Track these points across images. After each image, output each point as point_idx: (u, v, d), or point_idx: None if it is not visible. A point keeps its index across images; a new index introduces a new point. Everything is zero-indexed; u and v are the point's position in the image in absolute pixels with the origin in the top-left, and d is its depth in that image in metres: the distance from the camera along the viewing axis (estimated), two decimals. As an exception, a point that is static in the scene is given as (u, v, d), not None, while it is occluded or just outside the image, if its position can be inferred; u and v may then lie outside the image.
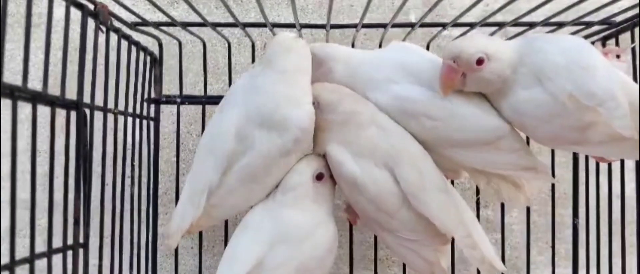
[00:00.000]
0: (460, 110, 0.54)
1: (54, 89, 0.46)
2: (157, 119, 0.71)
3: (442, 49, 0.54)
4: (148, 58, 0.69)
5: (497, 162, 0.56)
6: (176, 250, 0.70)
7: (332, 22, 0.72)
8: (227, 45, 0.72)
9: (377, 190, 0.54)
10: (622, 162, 0.62)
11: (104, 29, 0.55)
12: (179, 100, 0.70)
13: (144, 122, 0.68)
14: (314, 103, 0.54)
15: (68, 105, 0.47)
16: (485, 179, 0.59)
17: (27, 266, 0.43)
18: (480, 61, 0.52)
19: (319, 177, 0.56)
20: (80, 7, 0.50)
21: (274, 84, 0.55)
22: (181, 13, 0.80)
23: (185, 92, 0.77)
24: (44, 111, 0.45)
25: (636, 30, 0.58)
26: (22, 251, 0.41)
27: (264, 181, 0.55)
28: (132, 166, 0.64)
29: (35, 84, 0.75)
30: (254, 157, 0.54)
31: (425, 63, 0.56)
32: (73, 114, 0.49)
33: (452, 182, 0.66)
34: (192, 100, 0.71)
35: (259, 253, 0.52)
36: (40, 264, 0.44)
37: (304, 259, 0.53)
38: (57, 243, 0.47)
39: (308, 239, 0.53)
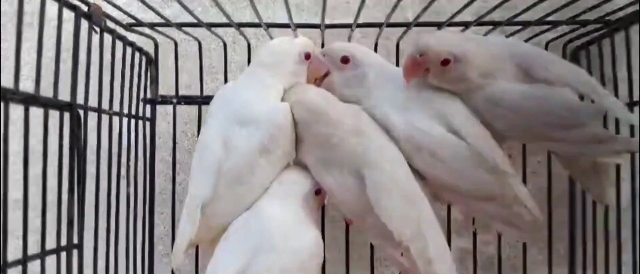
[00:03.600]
0: (466, 159, 0.54)
1: (48, 90, 0.46)
2: (152, 120, 0.71)
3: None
4: (143, 58, 0.69)
5: (487, 211, 0.56)
6: (173, 251, 0.69)
7: (329, 20, 0.72)
8: (222, 45, 0.72)
9: (345, 197, 0.54)
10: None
11: (97, 30, 0.55)
12: (175, 100, 0.70)
13: (140, 122, 0.68)
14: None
15: (61, 106, 0.47)
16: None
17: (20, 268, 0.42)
18: (445, 62, 0.53)
19: (317, 191, 0.57)
20: (73, 8, 0.49)
21: (246, 85, 0.57)
22: (176, 11, 0.79)
23: (182, 91, 0.77)
24: (39, 112, 0.45)
25: (631, 29, 0.57)
26: (16, 254, 0.41)
27: (249, 182, 0.55)
28: (128, 166, 0.64)
29: (29, 83, 0.75)
30: (236, 157, 0.54)
31: (440, 99, 0.56)
32: (67, 116, 0.49)
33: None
34: (188, 100, 0.71)
35: (238, 264, 0.51)
36: (34, 266, 0.44)
37: (286, 265, 0.52)
38: (51, 245, 0.47)
39: (290, 240, 0.52)
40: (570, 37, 0.69)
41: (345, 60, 0.58)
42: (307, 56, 0.59)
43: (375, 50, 0.70)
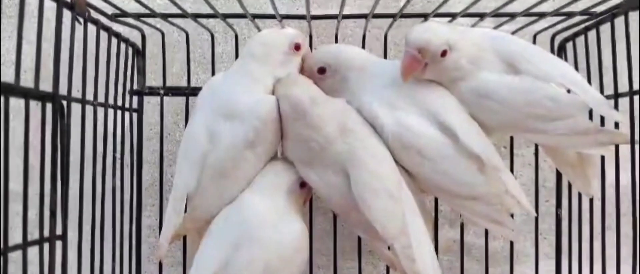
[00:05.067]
0: (454, 158, 0.54)
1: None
2: (140, 111, 0.71)
3: (405, 36, 0.54)
4: (130, 49, 0.68)
5: (472, 209, 0.56)
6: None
7: (322, 10, 0.72)
8: (210, 36, 0.72)
9: (330, 194, 0.55)
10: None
11: (81, 20, 0.54)
12: (162, 92, 0.70)
13: (127, 113, 0.68)
14: None
15: (43, 97, 0.47)
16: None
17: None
18: (444, 53, 0.53)
19: (302, 184, 0.56)
20: (56, -2, 0.49)
21: (234, 77, 0.56)
22: (166, 2, 0.79)
23: (172, 81, 0.77)
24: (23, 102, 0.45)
25: (616, 20, 0.57)
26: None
27: (233, 175, 0.55)
28: (114, 158, 0.64)
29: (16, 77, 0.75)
30: (221, 151, 0.54)
31: (429, 93, 0.56)
32: (49, 107, 0.49)
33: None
34: (175, 92, 0.71)
35: (221, 258, 0.51)
36: (17, 257, 0.44)
37: (269, 259, 0.52)
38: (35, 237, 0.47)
39: (273, 233, 0.52)
40: (558, 29, 0.69)
41: (321, 71, 0.58)
42: (297, 47, 0.58)
43: (363, 41, 0.70)
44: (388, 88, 0.56)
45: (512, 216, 0.66)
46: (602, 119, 0.61)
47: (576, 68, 0.65)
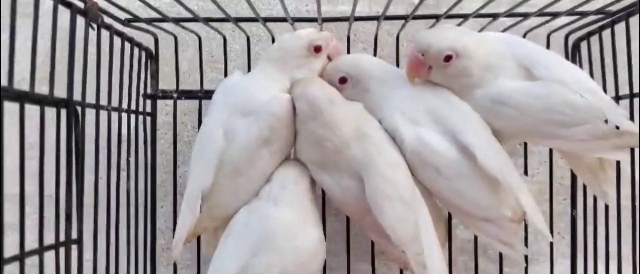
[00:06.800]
0: (471, 180, 0.53)
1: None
2: (153, 114, 0.71)
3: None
4: (143, 53, 0.69)
5: (484, 230, 0.56)
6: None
7: (332, 6, 0.72)
8: (222, 38, 0.72)
9: (343, 197, 0.55)
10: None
11: (94, 26, 0.55)
12: (175, 95, 0.70)
13: (140, 117, 0.68)
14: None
15: (57, 103, 0.48)
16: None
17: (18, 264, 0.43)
18: (448, 58, 0.53)
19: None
20: (69, 5, 0.49)
21: (251, 77, 0.57)
22: (178, 6, 0.79)
23: (184, 81, 0.77)
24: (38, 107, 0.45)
25: (631, 20, 0.57)
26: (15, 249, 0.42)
27: (249, 173, 0.55)
28: (128, 161, 0.64)
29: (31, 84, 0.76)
30: (236, 148, 0.54)
31: (450, 110, 0.55)
32: (64, 112, 0.49)
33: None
34: (188, 95, 0.71)
35: (239, 263, 0.51)
36: (34, 261, 0.45)
37: (287, 265, 0.52)
38: (51, 241, 0.47)
39: (292, 242, 0.52)
40: (572, 28, 0.68)
41: (342, 80, 0.58)
42: (317, 49, 0.57)
43: (376, 41, 0.70)
44: (409, 101, 0.56)
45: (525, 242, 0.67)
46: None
47: (590, 68, 0.65)
